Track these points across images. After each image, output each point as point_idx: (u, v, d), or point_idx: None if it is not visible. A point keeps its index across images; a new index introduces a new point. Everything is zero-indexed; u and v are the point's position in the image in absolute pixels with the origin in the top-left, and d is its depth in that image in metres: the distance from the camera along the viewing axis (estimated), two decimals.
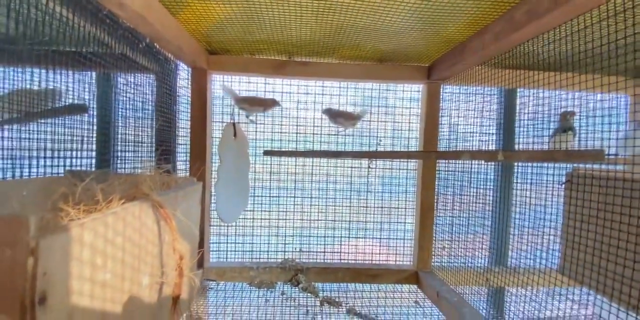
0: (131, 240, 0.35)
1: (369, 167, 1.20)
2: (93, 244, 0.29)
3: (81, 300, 0.28)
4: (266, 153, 1.11)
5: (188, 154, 1.07)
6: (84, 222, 0.28)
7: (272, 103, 1.10)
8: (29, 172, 0.56)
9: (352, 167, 1.20)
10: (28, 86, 0.60)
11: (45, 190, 0.47)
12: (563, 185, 0.74)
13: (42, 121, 0.65)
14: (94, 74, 0.77)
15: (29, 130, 0.61)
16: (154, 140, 0.92)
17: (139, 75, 0.89)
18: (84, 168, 0.67)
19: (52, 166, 0.61)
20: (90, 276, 0.29)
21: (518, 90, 1.09)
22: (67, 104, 0.63)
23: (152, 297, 0.40)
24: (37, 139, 0.61)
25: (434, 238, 1.13)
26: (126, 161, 0.84)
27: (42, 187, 0.49)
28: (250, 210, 1.17)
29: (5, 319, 0.24)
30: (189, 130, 1.07)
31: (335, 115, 1.10)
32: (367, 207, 1.21)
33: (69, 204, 0.33)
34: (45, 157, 0.60)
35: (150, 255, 0.39)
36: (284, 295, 1.04)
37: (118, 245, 0.33)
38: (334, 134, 1.19)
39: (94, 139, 0.77)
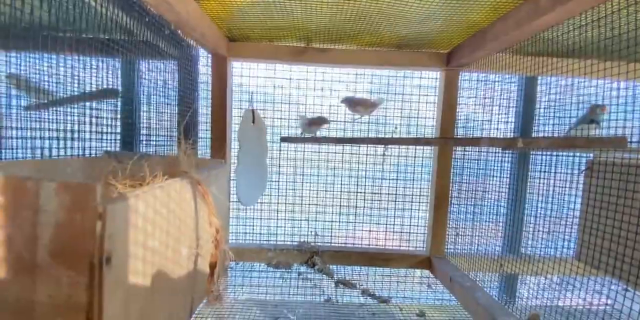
0: (174, 212, 0.38)
1: (383, 154, 1.21)
2: (145, 214, 0.32)
3: (137, 263, 0.31)
4: (283, 139, 1.13)
5: (209, 140, 1.09)
6: (138, 194, 0.30)
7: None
8: (58, 153, 0.59)
9: (367, 154, 1.21)
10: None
11: (87, 169, 0.50)
12: (583, 173, 0.74)
13: (74, 105, 0.68)
14: (120, 59, 0.79)
15: (61, 112, 0.64)
16: (175, 125, 0.95)
17: (163, 61, 0.91)
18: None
19: (78, 148, 0.64)
20: (143, 242, 0.32)
21: (538, 77, 1.07)
22: (100, 88, 0.65)
23: (190, 266, 0.43)
24: (64, 120, 0.64)
25: (448, 225, 1.14)
26: (150, 145, 0.88)
27: (84, 165, 0.52)
28: (267, 195, 1.19)
29: (73, 276, 0.27)
30: (209, 116, 1.09)
31: (354, 104, 1.10)
32: (381, 193, 1.22)
33: (117, 180, 0.36)
34: (72, 139, 0.63)
35: (189, 228, 0.42)
36: (301, 276, 1.08)
37: (163, 217, 0.36)
38: (350, 121, 1.19)
39: (119, 122, 0.80)
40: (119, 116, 0.78)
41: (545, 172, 0.89)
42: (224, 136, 1.09)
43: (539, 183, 0.92)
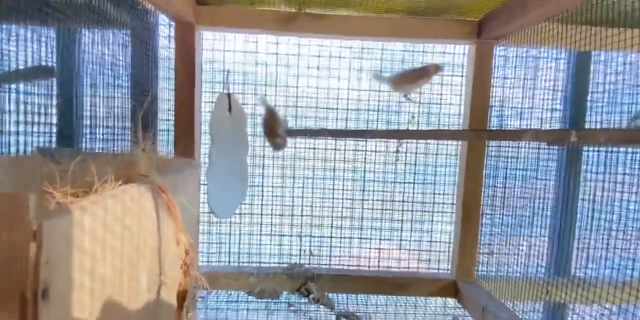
0: (130, 229, 0.37)
1: (397, 151, 1.21)
2: (93, 231, 0.31)
3: (82, 295, 0.30)
4: None
5: (171, 133, 1.08)
6: (84, 205, 0.29)
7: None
8: None
9: (376, 151, 1.21)
10: None
11: (14, 171, 0.49)
12: None
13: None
14: (56, 29, 0.78)
15: None
16: (129, 113, 0.93)
17: (111, 30, 0.89)
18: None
19: (1, 144, 0.62)
20: (90, 268, 0.31)
21: (593, 53, 1.08)
22: (30, 65, 0.64)
23: (151, 297, 0.42)
24: None
25: (480, 241, 1.15)
26: (95, 139, 0.86)
27: (10, 167, 0.50)
28: (248, 204, 1.19)
29: (4, 317, 0.26)
30: (172, 102, 1.08)
31: (399, 82, 1.05)
32: (393, 201, 1.22)
33: (56, 187, 0.35)
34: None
35: (149, 249, 0.41)
36: (292, 308, 1.07)
37: (117, 235, 0.35)
38: (354, 109, 1.19)
39: (55, 110, 0.78)
40: (54, 102, 0.77)
41: (602, 173, 0.90)
42: (191, 128, 1.08)
43: (595, 187, 0.93)
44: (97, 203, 0.32)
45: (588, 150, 1.05)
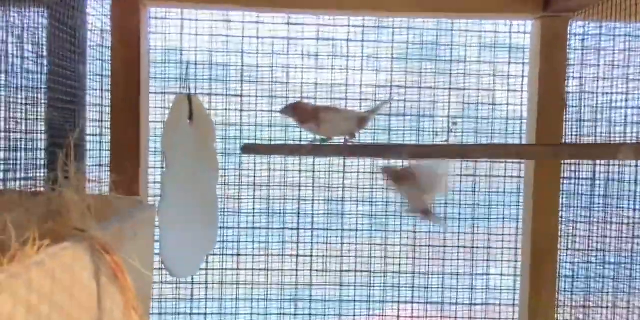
0: (59, 309, 0.35)
1: None
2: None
3: None
4: (247, 150, 1.10)
5: (107, 153, 1.07)
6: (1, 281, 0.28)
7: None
8: None
9: None
10: None
11: None
12: None
13: None
14: None
15: None
16: (43, 126, 0.92)
17: (20, 9, 0.88)
18: None
19: None
20: None
21: None
22: None
23: None
24: None
25: (559, 300, 1.13)
26: None
27: None
28: (218, 254, 1.18)
29: None
30: (106, 110, 1.07)
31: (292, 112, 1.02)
32: (430, 246, 1.23)
33: None
34: None
35: None
36: None
37: None
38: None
39: None
40: None
41: None
42: (134, 146, 1.07)
43: None
44: (19, 277, 0.30)
45: None
